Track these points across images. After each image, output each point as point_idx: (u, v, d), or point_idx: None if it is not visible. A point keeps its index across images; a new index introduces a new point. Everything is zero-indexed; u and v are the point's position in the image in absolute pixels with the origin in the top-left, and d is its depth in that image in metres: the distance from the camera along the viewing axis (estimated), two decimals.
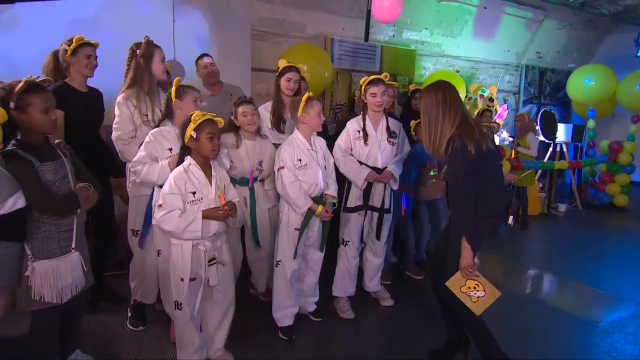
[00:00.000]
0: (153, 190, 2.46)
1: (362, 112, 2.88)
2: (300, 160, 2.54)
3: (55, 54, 2.81)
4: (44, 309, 1.86)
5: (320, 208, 2.54)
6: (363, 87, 2.82)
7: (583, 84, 6.54)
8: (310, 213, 2.55)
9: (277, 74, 3.00)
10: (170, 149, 2.35)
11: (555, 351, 2.61)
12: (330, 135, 3.62)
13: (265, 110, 3.07)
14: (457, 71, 6.80)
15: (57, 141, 1.98)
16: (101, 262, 2.90)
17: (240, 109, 2.69)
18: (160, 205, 2.04)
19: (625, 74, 6.47)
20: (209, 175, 2.14)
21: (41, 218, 1.82)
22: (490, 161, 2.18)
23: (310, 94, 2.61)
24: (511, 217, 1.86)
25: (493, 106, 6.07)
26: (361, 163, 2.83)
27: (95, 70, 2.76)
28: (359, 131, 2.82)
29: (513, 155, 5.53)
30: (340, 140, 2.87)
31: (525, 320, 2.98)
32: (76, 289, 1.94)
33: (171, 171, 2.15)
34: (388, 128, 2.87)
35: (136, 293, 2.64)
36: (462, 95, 5.90)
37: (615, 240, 5.29)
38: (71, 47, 2.68)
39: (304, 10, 5.39)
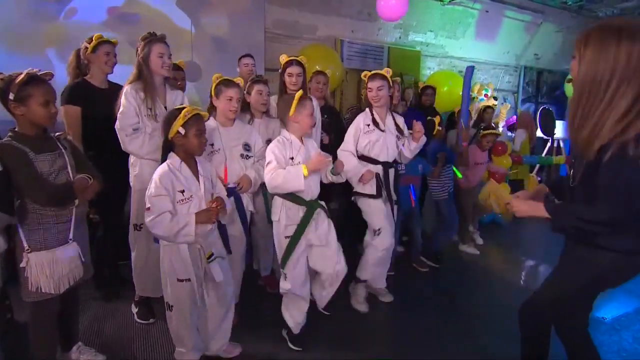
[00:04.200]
0: None
1: (368, 107, 2.58)
2: (292, 158, 2.10)
3: (78, 52, 2.62)
4: (41, 300, 1.66)
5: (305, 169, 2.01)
6: (365, 83, 2.55)
7: None
8: (310, 209, 2.11)
9: (280, 70, 2.71)
10: (212, 144, 2.13)
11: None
12: None
13: (272, 102, 2.81)
14: (460, 71, 6.38)
15: (57, 134, 1.74)
16: (115, 253, 2.67)
17: (257, 87, 2.51)
18: (148, 209, 1.71)
19: None
20: (195, 171, 1.84)
21: (38, 210, 1.61)
22: None
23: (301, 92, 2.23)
24: None
25: (495, 105, 5.69)
26: (369, 158, 2.53)
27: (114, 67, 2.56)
28: (368, 124, 2.52)
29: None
30: (349, 135, 2.57)
31: None
32: (74, 279, 1.73)
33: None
34: (396, 125, 2.57)
35: (141, 289, 2.37)
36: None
37: None
38: (91, 44, 2.48)
39: (316, 14, 5.06)
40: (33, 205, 1.60)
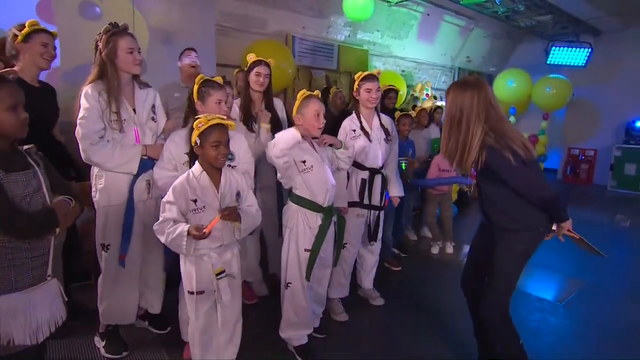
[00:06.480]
0: (130, 199, 1.94)
1: (355, 110, 2.47)
2: (304, 162, 2.01)
3: (2, 40, 2.13)
4: (14, 354, 1.30)
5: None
6: (357, 83, 2.41)
7: (507, 86, 6.63)
8: (327, 216, 2.05)
9: (246, 68, 2.53)
10: (187, 153, 1.87)
11: (528, 338, 2.43)
12: None
13: (234, 106, 2.59)
14: (403, 71, 6.61)
15: (26, 147, 1.39)
16: (68, 274, 2.27)
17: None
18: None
19: (536, 79, 6.67)
20: (216, 182, 1.69)
21: (7, 243, 1.25)
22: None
23: (308, 91, 2.10)
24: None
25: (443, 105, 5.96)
26: (359, 164, 2.45)
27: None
28: (354, 130, 2.40)
29: None
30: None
31: None
32: (55, 325, 1.38)
33: None
34: (382, 125, 2.51)
35: (108, 317, 2.05)
36: (404, 92, 5.70)
37: None
38: (23, 32, 2.01)
39: (266, 7, 4.85)
40: (1, 238, 1.24)
